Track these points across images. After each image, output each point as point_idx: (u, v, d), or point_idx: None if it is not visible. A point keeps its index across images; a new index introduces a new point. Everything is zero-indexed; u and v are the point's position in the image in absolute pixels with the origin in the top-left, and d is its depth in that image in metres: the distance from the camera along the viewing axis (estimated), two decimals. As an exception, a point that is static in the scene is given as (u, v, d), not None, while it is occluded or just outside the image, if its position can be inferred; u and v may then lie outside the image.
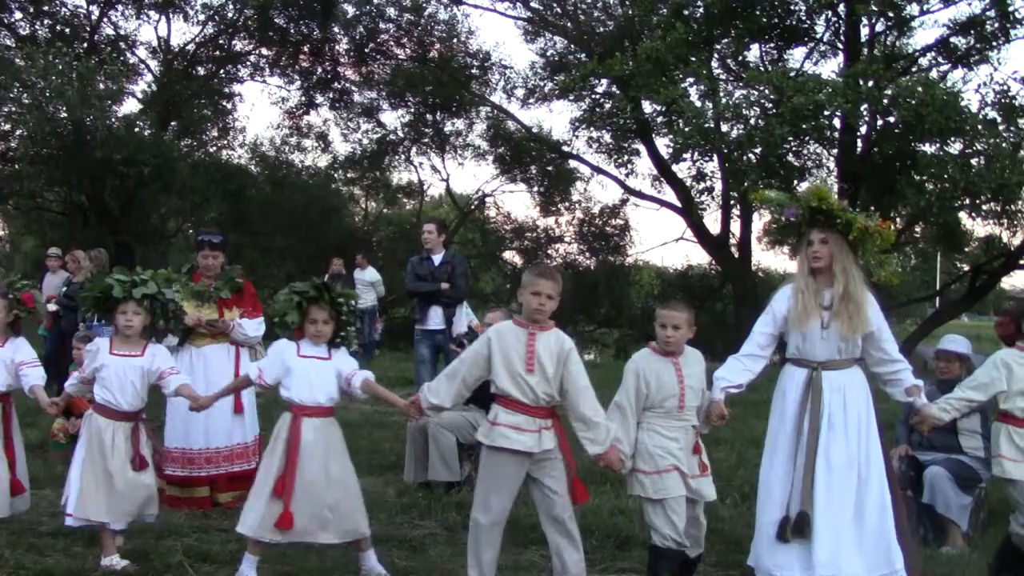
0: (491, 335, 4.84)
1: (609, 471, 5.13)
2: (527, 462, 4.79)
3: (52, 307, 11.84)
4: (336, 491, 5.02)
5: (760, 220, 20.04)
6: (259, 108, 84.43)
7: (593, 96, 21.85)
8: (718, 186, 20.82)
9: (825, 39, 19.06)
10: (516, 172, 26.78)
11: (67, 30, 22.04)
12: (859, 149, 17.79)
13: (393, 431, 9.12)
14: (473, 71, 24.60)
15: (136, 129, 20.09)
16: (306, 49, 23.73)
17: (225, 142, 25.93)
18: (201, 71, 24.39)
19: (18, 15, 21.90)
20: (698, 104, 16.90)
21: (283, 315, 5.14)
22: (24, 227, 30.16)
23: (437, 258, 9.22)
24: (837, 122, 16.78)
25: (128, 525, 5.30)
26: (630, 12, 19.67)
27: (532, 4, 23.20)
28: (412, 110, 25.47)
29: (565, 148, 24.83)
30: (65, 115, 17.81)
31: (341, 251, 19.40)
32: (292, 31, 22.65)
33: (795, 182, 16.59)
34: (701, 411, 5.05)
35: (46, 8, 21.79)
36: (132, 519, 5.27)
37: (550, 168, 26.58)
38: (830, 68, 19.83)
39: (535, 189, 27.15)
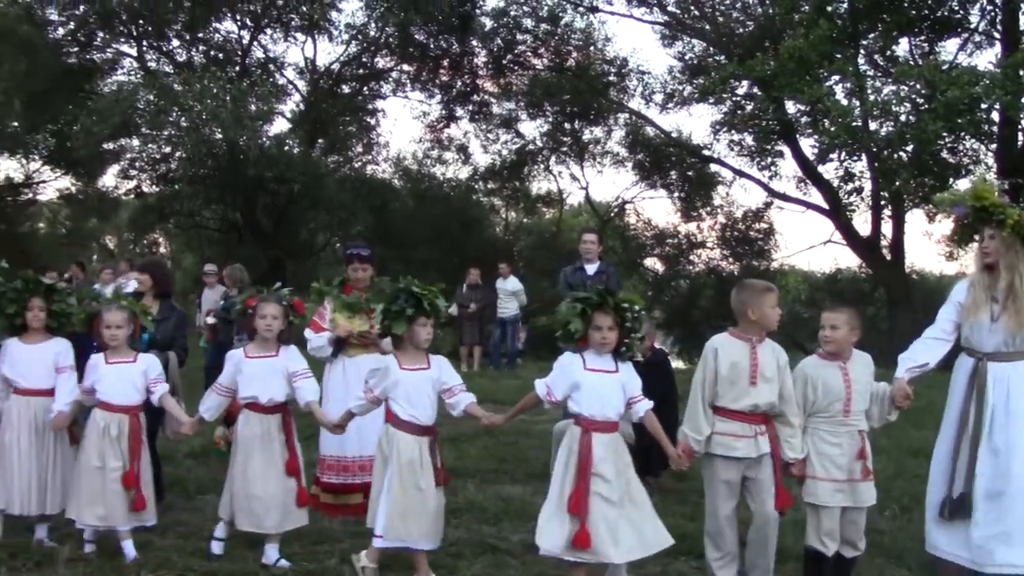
0: (716, 349, 4.99)
1: (794, 478, 5.09)
2: (743, 466, 4.97)
3: (210, 320, 12.38)
4: (632, 510, 4.92)
5: (939, 225, 19.30)
6: (401, 123, 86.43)
7: (734, 98, 21.50)
8: (867, 186, 20.14)
9: (980, 29, 18.21)
10: (656, 178, 26.58)
11: (220, 55, 23.09)
12: (1020, 143, 16.90)
13: (540, 439, 9.09)
14: (611, 78, 24.55)
15: (286, 148, 20.86)
16: (446, 63, 24.16)
17: (369, 157, 26.72)
18: (346, 89, 25.11)
19: (176, 43, 23.06)
20: (845, 102, 16.43)
21: (566, 324, 5.04)
22: (184, 244, 31.65)
23: (591, 268, 9.05)
24: (996, 116, 15.99)
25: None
26: (771, 11, 19.25)
27: (669, 8, 23.01)
28: (550, 119, 25.61)
29: (706, 152, 24.51)
30: (220, 136, 18.62)
31: (482, 261, 19.60)
32: (432, 46, 23.08)
33: (951, 180, 15.91)
34: (874, 412, 5.09)
35: (201, 35, 22.85)
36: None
37: (690, 173, 26.26)
38: (986, 59, 19.00)
39: (675, 194, 26.88)
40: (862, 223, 21.55)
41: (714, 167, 25.64)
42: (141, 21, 21.33)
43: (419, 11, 19.96)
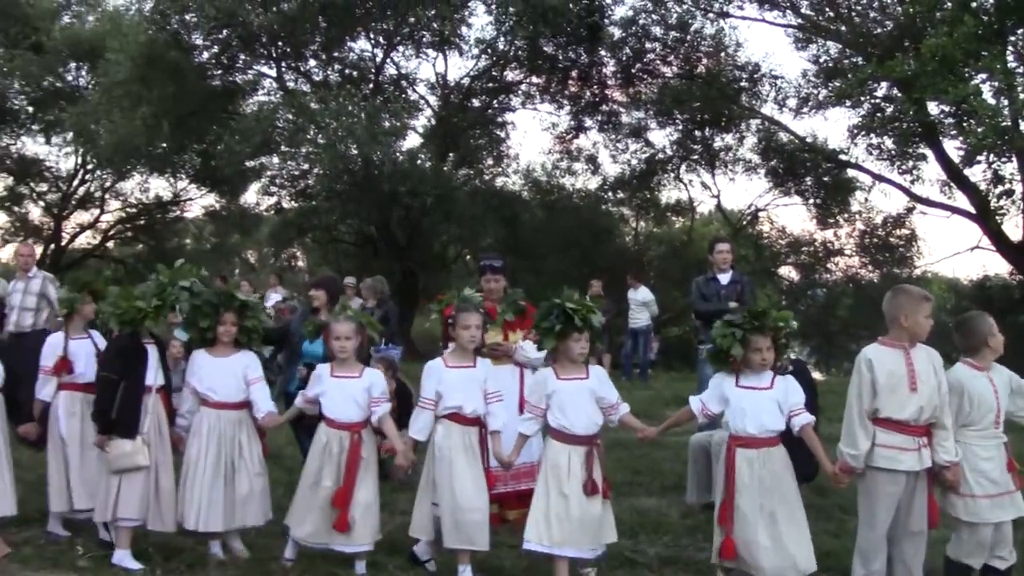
0: (869, 359, 4.88)
1: (947, 484, 4.99)
2: (906, 479, 4.87)
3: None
4: (784, 528, 4.95)
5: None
6: (531, 135, 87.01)
7: (872, 100, 20.89)
8: (1019, 188, 19.21)
9: None
10: (790, 184, 25.97)
11: (355, 73, 23.65)
12: None
13: (673, 451, 8.98)
14: (742, 84, 24.11)
15: (418, 162, 21.23)
16: (574, 74, 24.18)
17: (500, 169, 26.93)
18: (476, 103, 25.40)
19: (312, 63, 23.76)
20: (992, 101, 15.72)
21: (727, 348, 5.19)
22: (321, 258, 32.56)
23: (724, 278, 8.88)
24: None
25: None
26: (911, 9, 18.57)
27: (803, 10, 22.46)
28: (680, 127, 25.34)
29: (842, 157, 23.81)
30: (355, 152, 19.05)
31: (612, 271, 19.53)
32: (561, 58, 23.13)
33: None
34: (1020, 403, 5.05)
35: (336, 55, 23.49)
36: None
37: (826, 178, 25.54)
38: None
39: (811, 201, 26.18)
40: (1012, 227, 20.67)
41: (851, 172, 24.90)
42: (280, 43, 22.06)
43: (548, 24, 20.03)
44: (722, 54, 23.72)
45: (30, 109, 28.46)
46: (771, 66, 25.75)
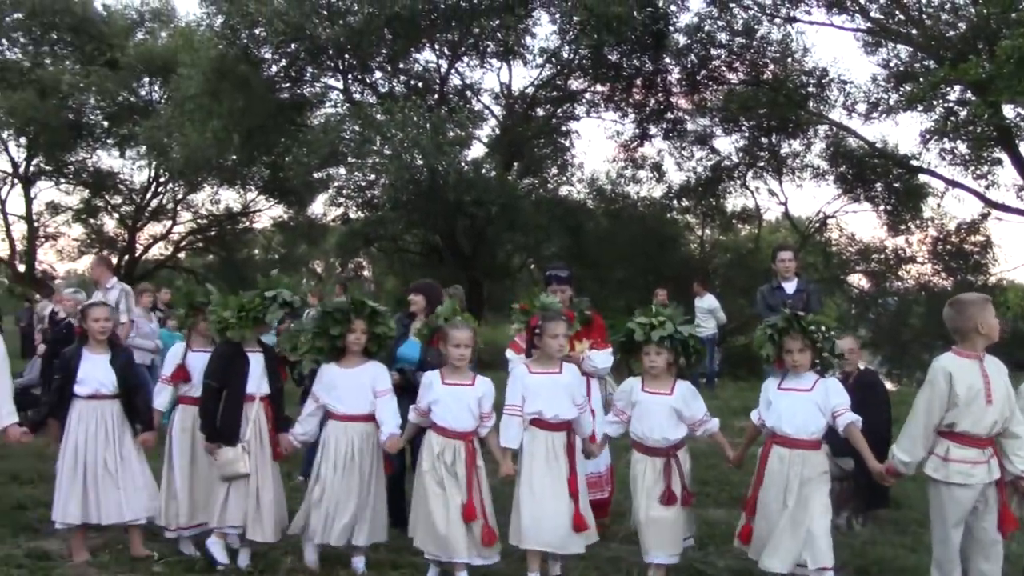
0: (949, 372, 4.78)
1: (1021, 493, 4.96)
2: (977, 492, 4.81)
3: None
4: (805, 520, 5.02)
5: None
6: (595, 143, 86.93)
7: (945, 104, 20.45)
8: (1098, 193, 18.67)
9: None
10: (859, 191, 25.53)
11: (420, 84, 23.83)
12: None
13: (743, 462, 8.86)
14: (809, 89, 23.77)
15: (483, 171, 21.31)
16: (639, 82, 24.07)
17: (564, 179, 26.92)
18: (540, 112, 25.45)
19: (378, 74, 24.02)
20: (1072, 104, 15.27)
21: (760, 348, 5.32)
22: (387, 268, 32.85)
23: (790, 286, 8.75)
24: None
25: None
26: (985, 11, 18.16)
27: (872, 14, 22.08)
28: (746, 134, 25.09)
29: (914, 162, 23.37)
30: (421, 162, 19.19)
31: (677, 280, 19.38)
32: (625, 66, 23.03)
33: None
34: None
35: (402, 66, 23.71)
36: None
37: (897, 185, 25.05)
38: None
39: (881, 207, 25.70)
40: (1094, 232, 20.04)
41: (923, 178, 24.45)
42: (346, 55, 22.33)
43: (612, 32, 19.97)
44: (789, 59, 23.44)
45: (105, 124, 29.32)
46: (840, 71, 25.45)
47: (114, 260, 29.10)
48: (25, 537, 6.38)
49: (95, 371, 5.94)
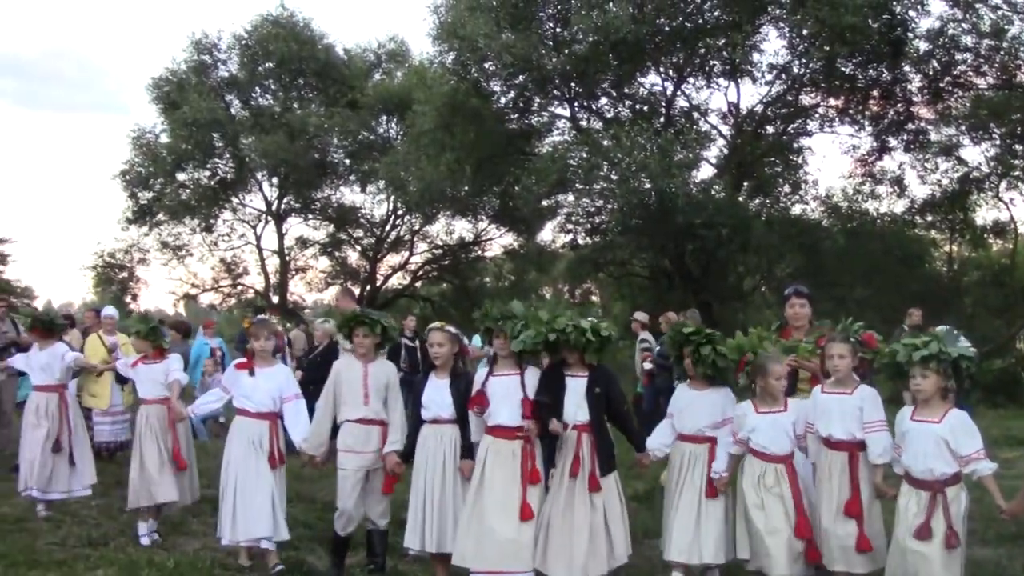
0: None
1: None
2: None
3: (648, 365, 12.68)
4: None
5: None
6: (829, 159, 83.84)
7: None
8: None
9: None
10: None
11: (646, 108, 23.79)
12: None
13: (1008, 493, 8.16)
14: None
15: (712, 193, 20.95)
16: (875, 93, 22.98)
17: (797, 197, 26.01)
18: (770, 129, 24.78)
19: (603, 100, 24.18)
20: None
21: None
22: (615, 292, 32.86)
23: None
24: None
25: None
26: None
27: None
28: (998, 142, 23.35)
29: None
30: (649, 186, 19.11)
31: (924, 299, 18.29)
32: (860, 77, 22.05)
33: None
34: None
35: (627, 91, 23.77)
36: None
37: None
38: None
39: None
40: None
41: None
42: (573, 84, 22.63)
43: (846, 43, 19.21)
44: (1045, 59, 21.68)
45: (347, 161, 31.09)
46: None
47: (357, 290, 30.73)
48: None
49: (436, 395, 6.24)
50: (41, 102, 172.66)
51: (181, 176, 31.08)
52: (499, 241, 33.34)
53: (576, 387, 5.83)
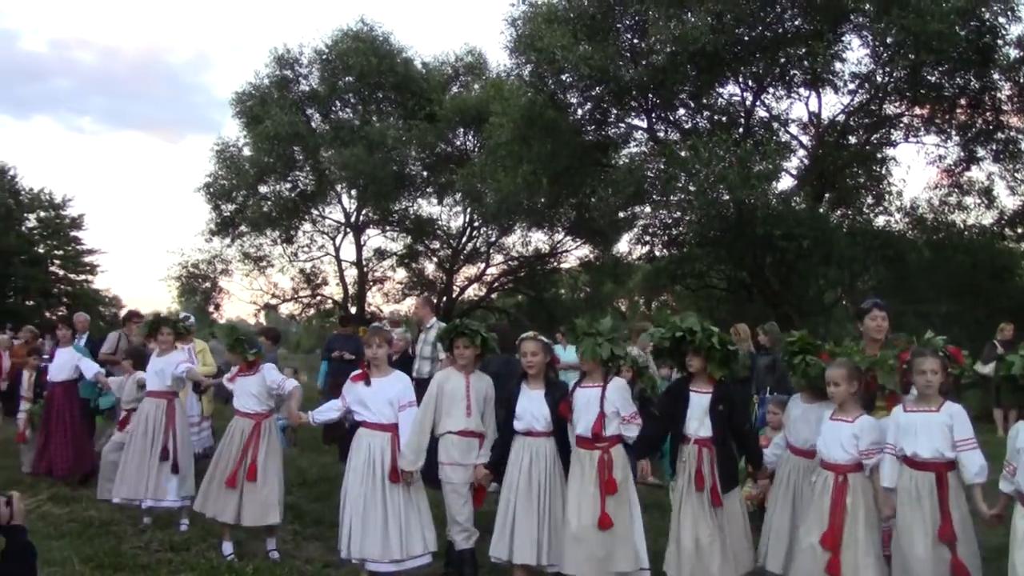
0: None
1: None
2: None
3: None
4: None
5: None
6: (915, 169, 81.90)
7: None
8: None
9: None
10: None
11: (724, 118, 23.50)
12: None
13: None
14: None
15: (792, 204, 20.59)
16: (963, 102, 22.35)
17: (881, 208, 25.40)
18: (852, 139, 24.27)
19: (681, 111, 23.98)
20: None
21: None
22: (692, 305, 32.50)
23: None
24: None
25: None
26: None
27: None
28: (1092, 152, 22.53)
29: None
30: (727, 198, 18.87)
31: (1013, 314, 17.69)
32: (947, 85, 21.48)
33: None
34: None
35: (705, 101, 23.53)
36: None
37: None
38: None
39: None
40: None
41: None
42: (650, 95, 22.49)
43: (932, 51, 18.74)
44: None
45: (425, 174, 31.32)
46: None
47: (434, 301, 30.93)
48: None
49: (531, 406, 6.22)
50: (128, 120, 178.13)
51: (263, 188, 31.72)
52: (575, 253, 33.33)
53: (699, 402, 5.86)
